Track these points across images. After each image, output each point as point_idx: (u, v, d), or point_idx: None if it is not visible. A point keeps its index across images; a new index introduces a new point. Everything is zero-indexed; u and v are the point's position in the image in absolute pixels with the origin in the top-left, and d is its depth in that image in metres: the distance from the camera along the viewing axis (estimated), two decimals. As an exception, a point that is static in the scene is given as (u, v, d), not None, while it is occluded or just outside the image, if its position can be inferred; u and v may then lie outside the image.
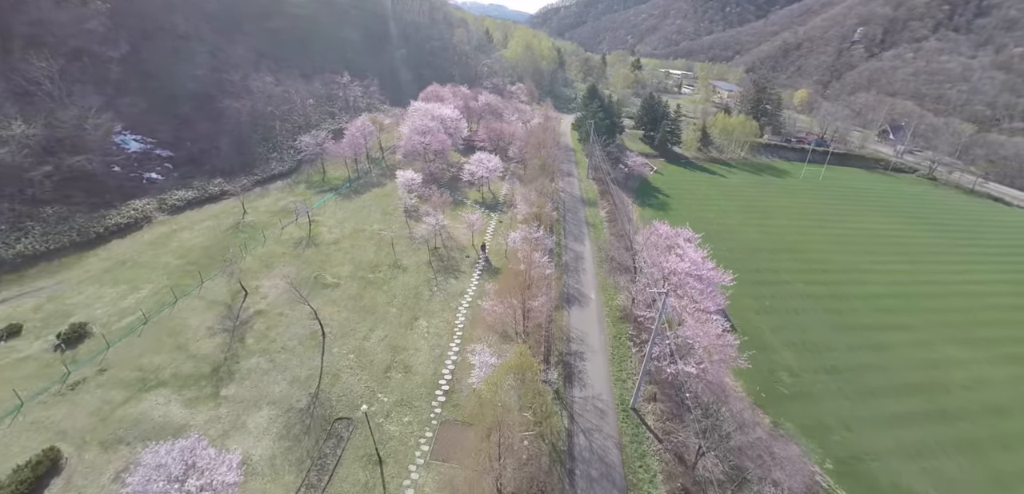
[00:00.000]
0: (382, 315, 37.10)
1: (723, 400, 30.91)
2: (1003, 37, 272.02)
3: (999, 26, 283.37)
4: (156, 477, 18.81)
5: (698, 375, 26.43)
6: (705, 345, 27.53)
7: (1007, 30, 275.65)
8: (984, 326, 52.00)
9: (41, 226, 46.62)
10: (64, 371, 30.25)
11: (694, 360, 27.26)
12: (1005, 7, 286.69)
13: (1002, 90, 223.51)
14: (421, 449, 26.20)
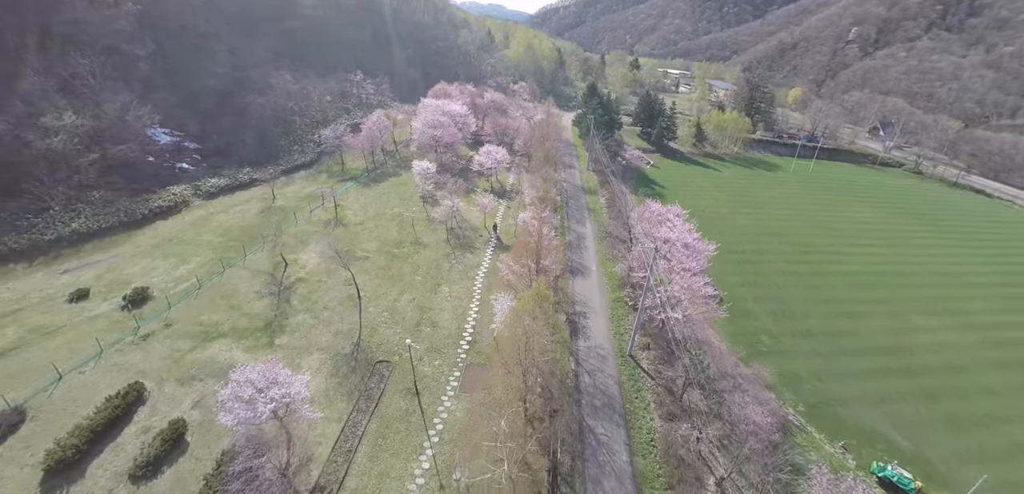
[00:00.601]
0: (409, 282, 41.89)
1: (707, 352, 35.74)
2: (994, 36, 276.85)
3: (990, 25, 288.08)
4: (245, 388, 23.50)
5: (683, 320, 31.13)
6: (689, 297, 32.32)
7: (998, 30, 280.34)
8: (952, 301, 56.87)
9: (91, 208, 51.31)
10: (134, 325, 34.93)
11: (681, 309, 32.01)
12: (996, 7, 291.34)
13: (991, 88, 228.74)
14: (451, 385, 30.97)
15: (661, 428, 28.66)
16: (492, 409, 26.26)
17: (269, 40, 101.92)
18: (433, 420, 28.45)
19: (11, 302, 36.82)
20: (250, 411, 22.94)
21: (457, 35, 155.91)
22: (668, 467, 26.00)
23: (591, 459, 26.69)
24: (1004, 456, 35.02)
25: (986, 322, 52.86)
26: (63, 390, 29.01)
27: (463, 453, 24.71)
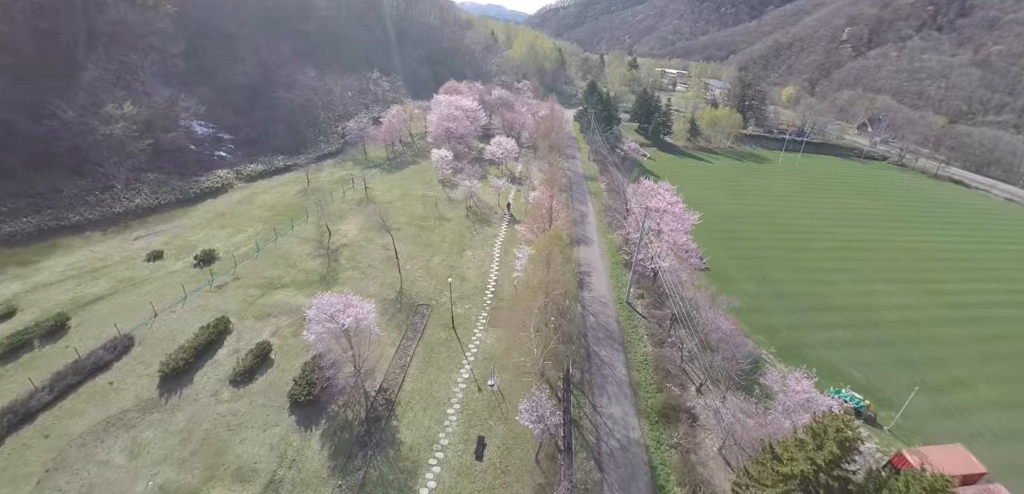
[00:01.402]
0: (438, 247, 48.51)
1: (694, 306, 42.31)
2: (983, 36, 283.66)
3: (980, 25, 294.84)
4: (325, 311, 29.96)
5: (670, 269, 37.71)
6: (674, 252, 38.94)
7: (988, 29, 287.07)
8: (915, 272, 63.58)
9: (148, 187, 57.92)
10: (209, 278, 41.42)
11: (669, 261, 38.60)
12: (986, 7, 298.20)
13: (978, 86, 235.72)
14: (480, 322, 37.57)
15: (652, 352, 35.26)
16: (518, 333, 32.86)
17: (289, 41, 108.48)
18: (468, 346, 35.03)
19: (99, 260, 43.34)
20: (329, 327, 29.40)
21: (463, 36, 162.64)
22: (658, 377, 32.57)
23: (597, 373, 33.29)
24: (942, 388, 41.59)
25: (944, 289, 59.55)
26: (160, 324, 35.46)
27: (495, 367, 31.24)
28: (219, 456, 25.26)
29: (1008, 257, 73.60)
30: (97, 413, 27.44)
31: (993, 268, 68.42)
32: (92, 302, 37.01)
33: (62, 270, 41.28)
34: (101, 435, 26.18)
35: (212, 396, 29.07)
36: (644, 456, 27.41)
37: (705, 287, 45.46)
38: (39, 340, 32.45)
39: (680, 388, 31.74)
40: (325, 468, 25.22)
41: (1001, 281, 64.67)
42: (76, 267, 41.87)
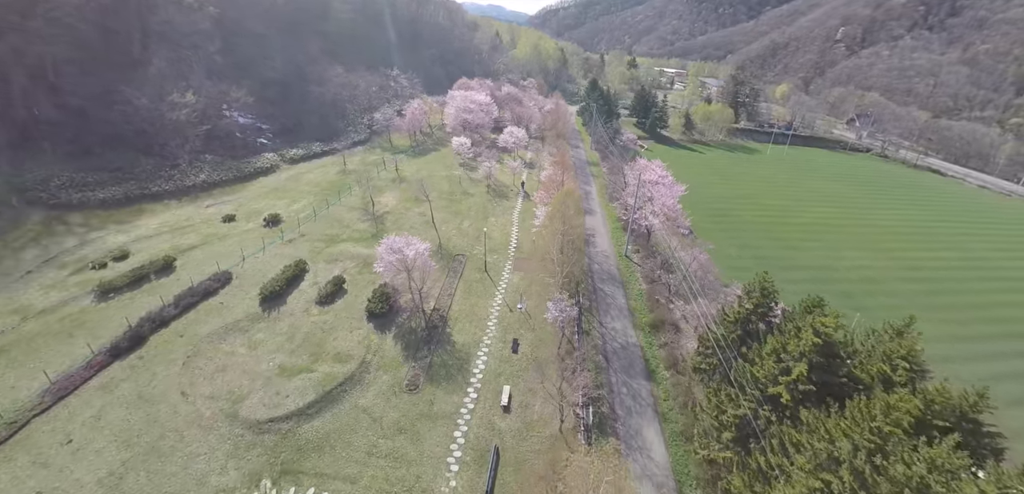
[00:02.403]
0: (465, 214, 57.11)
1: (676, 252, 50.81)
2: (972, 35, 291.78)
3: (969, 25, 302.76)
4: (392, 248, 38.38)
5: (660, 226, 46.16)
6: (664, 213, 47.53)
7: (977, 29, 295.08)
8: (880, 242, 72.06)
9: (208, 165, 66.38)
10: (280, 235, 49.90)
11: (659, 220, 47.10)
12: (976, 7, 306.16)
13: (965, 83, 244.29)
14: (506, 267, 46.12)
15: (645, 288, 43.77)
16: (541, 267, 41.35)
17: (313, 41, 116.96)
18: (498, 283, 43.58)
19: (183, 220, 51.89)
20: (396, 260, 37.83)
21: (472, 37, 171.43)
22: (650, 303, 41.08)
23: (601, 302, 41.82)
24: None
25: (904, 256, 68.04)
26: (248, 265, 43.88)
27: (522, 295, 39.73)
28: (319, 347, 33.77)
29: (969, 233, 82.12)
30: (216, 322, 35.91)
31: (953, 241, 76.96)
32: (188, 249, 45.50)
33: (155, 227, 49.84)
34: (223, 335, 34.66)
35: (304, 312, 37.57)
36: (639, 352, 35.96)
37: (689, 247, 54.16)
38: (154, 275, 40.96)
39: (668, 312, 40.22)
40: (400, 356, 33.74)
41: (958, 251, 73.20)
42: (166, 225, 50.43)
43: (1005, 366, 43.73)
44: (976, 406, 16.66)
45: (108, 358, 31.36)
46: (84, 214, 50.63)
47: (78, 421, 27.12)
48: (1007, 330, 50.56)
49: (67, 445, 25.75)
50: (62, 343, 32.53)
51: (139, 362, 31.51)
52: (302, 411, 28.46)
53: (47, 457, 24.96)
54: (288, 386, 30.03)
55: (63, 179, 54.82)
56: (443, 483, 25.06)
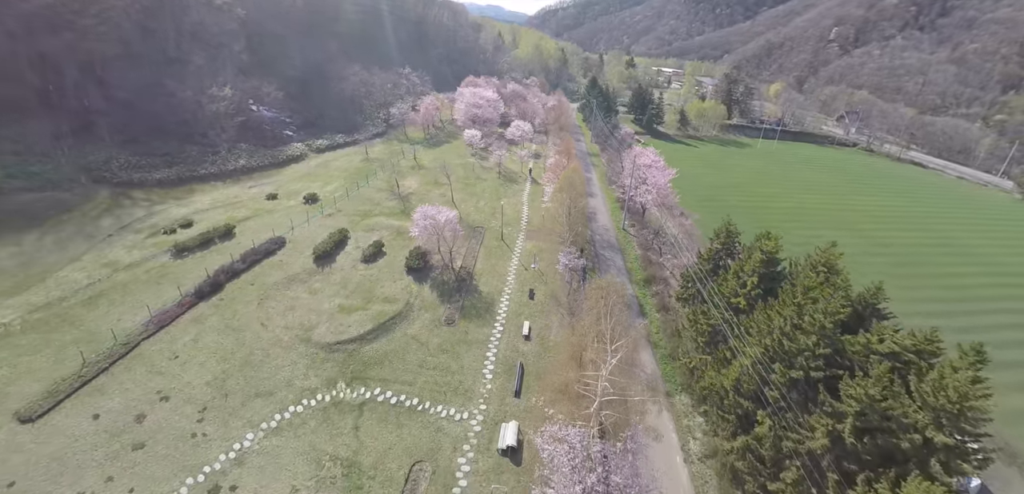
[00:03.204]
0: (480, 195, 63.86)
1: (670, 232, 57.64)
2: (961, 35, 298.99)
3: (959, 25, 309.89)
4: (426, 215, 45.01)
5: (652, 201, 52.89)
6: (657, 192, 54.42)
7: (966, 29, 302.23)
8: (855, 224, 78.91)
9: (244, 153, 72.88)
10: (320, 210, 56.51)
11: (652, 197, 53.93)
12: (965, 8, 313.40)
13: (953, 82, 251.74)
14: (520, 237, 52.88)
15: (640, 253, 50.61)
16: (548, 238, 48.14)
17: (329, 42, 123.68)
18: (513, 249, 50.34)
19: (231, 198, 58.52)
20: (429, 224, 44.45)
21: (477, 37, 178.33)
22: (644, 265, 47.88)
23: (602, 264, 48.61)
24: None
25: (876, 236, 74.91)
26: (298, 233, 50.45)
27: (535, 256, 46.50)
28: (369, 293, 40.46)
29: (939, 217, 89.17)
30: (279, 275, 42.56)
31: (922, 224, 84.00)
32: (242, 220, 52.10)
33: (209, 203, 56.46)
34: (287, 284, 41.31)
35: (352, 267, 44.26)
36: (636, 300, 42.77)
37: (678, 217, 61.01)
38: (218, 239, 47.55)
39: (660, 271, 47.03)
40: (436, 300, 40.47)
41: (928, 232, 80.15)
42: (218, 201, 57.06)
43: (950, 321, 50.51)
44: (875, 295, 23.47)
45: (195, 299, 38.01)
46: (144, 191, 57.26)
47: (180, 343, 33.75)
48: (958, 294, 57.51)
49: (174, 360, 32.38)
50: (151, 289, 39.13)
51: (221, 303, 38.18)
52: (362, 337, 35.16)
53: (160, 368, 31.58)
54: (348, 320, 36.73)
55: (121, 161, 61.46)
56: (481, 385, 31.80)
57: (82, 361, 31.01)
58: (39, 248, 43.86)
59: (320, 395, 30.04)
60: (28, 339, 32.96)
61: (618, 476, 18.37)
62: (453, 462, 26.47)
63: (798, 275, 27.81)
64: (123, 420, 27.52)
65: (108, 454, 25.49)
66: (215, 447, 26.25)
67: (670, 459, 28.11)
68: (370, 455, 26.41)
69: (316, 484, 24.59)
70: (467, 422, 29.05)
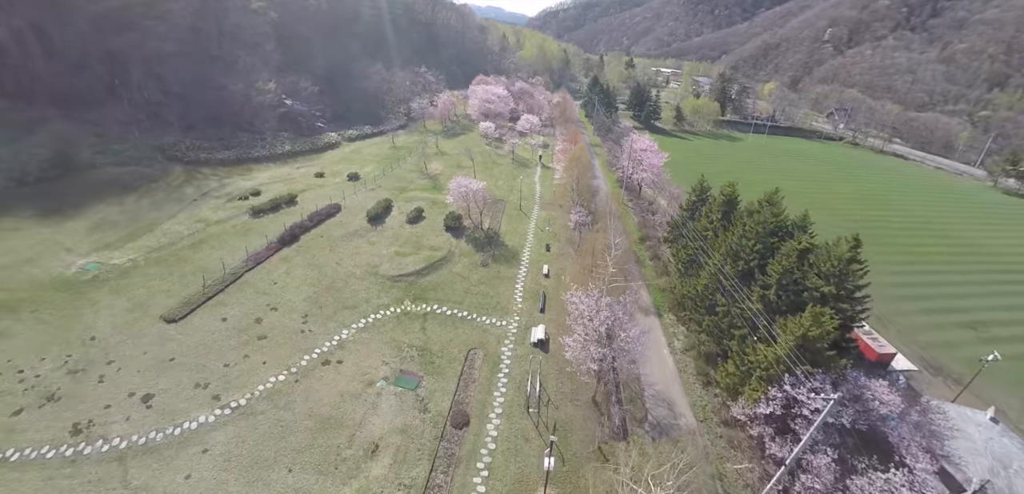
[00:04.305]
0: (498, 176, 73.15)
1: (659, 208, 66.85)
2: (950, 35, 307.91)
3: (949, 25, 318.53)
4: (460, 184, 54.14)
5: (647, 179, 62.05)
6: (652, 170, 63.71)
7: (956, 29, 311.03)
8: (833, 204, 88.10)
9: (287, 140, 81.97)
10: (364, 185, 65.67)
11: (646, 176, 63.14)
12: (955, 9, 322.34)
13: (941, 80, 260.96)
14: (535, 208, 62.11)
15: (636, 219, 59.84)
16: (559, 209, 57.38)
17: (351, 42, 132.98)
18: (530, 216, 59.56)
19: (285, 175, 67.68)
20: (462, 191, 53.52)
21: (484, 39, 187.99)
22: (639, 227, 57.09)
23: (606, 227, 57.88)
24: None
25: (851, 214, 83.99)
26: (350, 201, 59.54)
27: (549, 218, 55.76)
28: (417, 244, 49.65)
29: (913, 199, 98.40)
30: (341, 231, 51.72)
31: (893, 204, 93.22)
32: (300, 191, 61.19)
33: (267, 178, 65.64)
34: (349, 237, 50.48)
35: (400, 227, 53.49)
36: (633, 254, 51.93)
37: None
38: (284, 204, 56.70)
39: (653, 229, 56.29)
40: (472, 250, 49.69)
41: (896, 210, 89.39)
42: (275, 177, 66.26)
43: (902, 280, 59.72)
44: (802, 220, 32.63)
45: (278, 245, 47.20)
46: (211, 168, 66.53)
47: (275, 275, 42.91)
48: (913, 259, 66.65)
49: (274, 285, 41.54)
50: (240, 239, 48.27)
51: (300, 248, 47.39)
52: (417, 273, 44.37)
53: (264, 290, 40.71)
54: (404, 261, 45.95)
55: (186, 144, 70.75)
56: (514, 305, 41.03)
57: (203, 284, 40.21)
58: (138, 209, 53.10)
59: (392, 308, 39.26)
60: (154, 270, 42.16)
61: (620, 310, 27.69)
62: (498, 349, 35.66)
63: (756, 209, 36.91)
64: (245, 321, 36.68)
65: (239, 341, 34.64)
66: (320, 338, 35.44)
67: (659, 352, 37.28)
68: (436, 344, 35.61)
69: (400, 359, 33.78)
70: (506, 327, 38.27)
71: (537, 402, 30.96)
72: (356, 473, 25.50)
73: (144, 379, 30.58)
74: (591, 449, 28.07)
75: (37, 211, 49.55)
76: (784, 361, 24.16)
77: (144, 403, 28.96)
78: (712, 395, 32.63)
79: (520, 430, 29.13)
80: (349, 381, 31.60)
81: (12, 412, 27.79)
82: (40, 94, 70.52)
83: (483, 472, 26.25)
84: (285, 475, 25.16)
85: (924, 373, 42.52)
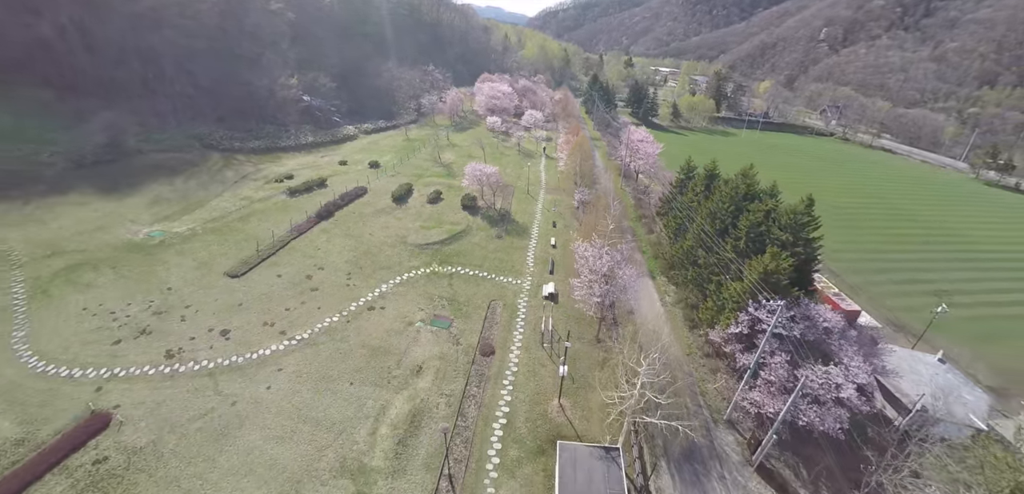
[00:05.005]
0: (506, 165, 79.30)
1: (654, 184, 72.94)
2: (942, 34, 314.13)
3: (942, 25, 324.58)
4: (475, 169, 60.18)
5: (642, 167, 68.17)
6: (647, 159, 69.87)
7: (948, 29, 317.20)
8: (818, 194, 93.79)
9: (310, 132, 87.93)
10: (384, 172, 71.64)
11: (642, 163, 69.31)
12: (948, 8, 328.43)
13: (932, 79, 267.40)
14: (541, 192, 68.21)
15: (632, 199, 65.93)
16: (564, 191, 63.44)
17: (360, 42, 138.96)
18: (537, 199, 65.60)
19: (311, 162, 73.70)
20: (477, 175, 59.51)
21: (488, 39, 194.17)
22: (636, 207, 63.17)
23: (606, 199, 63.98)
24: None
25: (833, 201, 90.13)
26: (374, 185, 65.44)
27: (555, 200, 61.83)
28: (439, 219, 55.68)
29: (894, 189, 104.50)
30: (370, 209, 57.74)
31: (875, 192, 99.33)
32: (328, 176, 67.20)
33: (295, 165, 71.62)
34: (377, 214, 56.50)
35: (422, 206, 59.52)
36: (631, 230, 58.05)
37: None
38: (316, 187, 62.70)
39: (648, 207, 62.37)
40: (487, 225, 55.74)
41: (878, 198, 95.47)
42: (302, 165, 72.24)
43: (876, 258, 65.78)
44: (772, 189, 38.69)
45: (317, 219, 53.21)
46: (245, 155, 72.57)
47: (318, 242, 48.91)
48: (888, 239, 72.74)
49: (318, 251, 47.54)
50: (281, 214, 54.24)
51: (335, 223, 53.42)
52: (441, 242, 50.43)
53: (310, 253, 46.68)
54: (429, 232, 52.01)
55: (220, 134, 76.74)
56: (526, 268, 47.15)
57: (256, 247, 46.20)
58: (187, 188, 59.13)
59: (422, 269, 45.33)
60: (211, 237, 48.16)
61: (618, 255, 33.91)
62: (515, 301, 41.74)
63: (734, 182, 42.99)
64: (298, 277, 42.69)
65: (295, 292, 40.63)
66: (363, 290, 41.47)
67: (652, 304, 43.37)
68: (462, 296, 41.66)
69: (433, 307, 39.81)
70: (520, 284, 44.35)
71: (550, 339, 37.00)
72: (405, 386, 31.52)
73: (219, 319, 36.58)
74: (594, 361, 34.19)
75: (97, 189, 55.59)
76: (750, 291, 30.19)
77: (222, 336, 34.96)
78: (697, 336, 38.71)
79: (537, 359, 35.18)
80: (392, 322, 37.63)
81: (112, 342, 33.77)
82: (83, 87, 76.44)
83: (508, 387, 32.28)
84: (347, 386, 31.17)
85: (887, 328, 48.64)
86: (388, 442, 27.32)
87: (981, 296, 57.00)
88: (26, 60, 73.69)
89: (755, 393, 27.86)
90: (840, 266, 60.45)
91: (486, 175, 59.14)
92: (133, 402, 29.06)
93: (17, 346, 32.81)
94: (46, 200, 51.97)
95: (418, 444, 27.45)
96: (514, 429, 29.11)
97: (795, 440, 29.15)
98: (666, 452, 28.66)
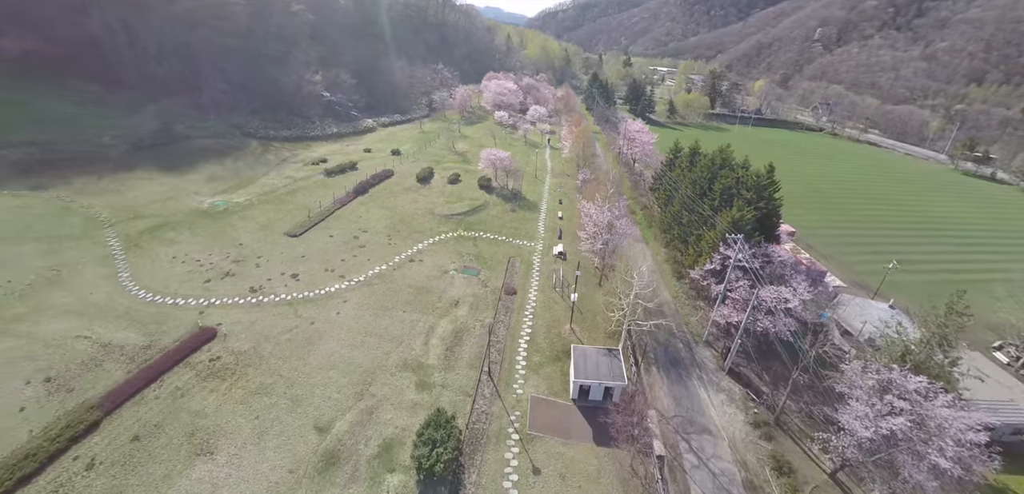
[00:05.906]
0: (515, 153, 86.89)
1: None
2: (933, 34, 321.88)
3: (933, 25, 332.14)
4: (489, 153, 67.88)
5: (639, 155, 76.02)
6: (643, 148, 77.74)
7: (939, 28, 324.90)
8: (805, 181, 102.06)
9: (333, 124, 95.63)
10: (406, 159, 79.34)
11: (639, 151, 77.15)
12: (939, 9, 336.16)
13: (922, 77, 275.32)
14: (547, 176, 76.03)
15: (629, 182, 73.79)
16: (568, 173, 71.24)
17: (373, 42, 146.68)
18: (544, 181, 73.38)
19: (339, 150, 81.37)
20: (492, 159, 67.21)
21: (492, 39, 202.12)
22: (632, 188, 71.06)
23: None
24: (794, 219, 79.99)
25: (814, 186, 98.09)
26: (398, 169, 73.10)
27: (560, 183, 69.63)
28: (460, 195, 63.42)
29: (876, 178, 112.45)
30: (398, 187, 65.45)
31: (856, 181, 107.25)
32: (357, 161, 74.88)
33: (326, 152, 79.28)
34: (405, 191, 64.20)
35: (443, 186, 67.27)
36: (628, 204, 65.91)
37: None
38: (348, 169, 70.36)
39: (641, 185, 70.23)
40: (501, 201, 63.54)
41: (857, 185, 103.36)
42: (332, 151, 79.93)
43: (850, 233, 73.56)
44: (744, 161, 46.52)
45: (354, 195, 60.90)
46: (279, 143, 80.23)
47: (358, 212, 56.58)
48: (863, 218, 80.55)
49: (359, 218, 55.21)
50: (322, 190, 61.87)
51: (370, 198, 61.14)
52: (464, 213, 58.20)
53: (353, 220, 54.32)
54: (453, 206, 59.79)
55: (255, 124, 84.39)
56: (538, 234, 54.99)
57: (308, 215, 53.88)
58: (237, 168, 66.82)
59: (450, 233, 53.13)
60: (267, 206, 55.79)
61: (616, 210, 41.78)
62: (530, 258, 49.54)
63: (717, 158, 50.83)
64: (346, 238, 50.37)
65: (347, 248, 48.28)
66: (402, 247, 49.21)
67: (647, 260, 51.12)
68: (486, 253, 49.46)
69: (463, 260, 47.57)
70: (533, 246, 52.19)
71: (561, 285, 44.80)
72: (447, 313, 39.27)
73: (288, 266, 44.26)
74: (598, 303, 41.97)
75: (158, 167, 63.27)
76: (721, 237, 37.94)
77: (293, 278, 42.63)
78: (683, 284, 46.50)
79: (551, 298, 42.96)
80: (430, 270, 45.39)
81: (204, 281, 41.32)
82: (128, 81, 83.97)
83: (529, 316, 40.04)
84: (401, 313, 38.90)
85: (852, 288, 56.41)
86: (438, 349, 35.05)
87: (937, 263, 64.88)
88: (75, 56, 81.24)
89: (725, 308, 35.65)
90: (815, 240, 68.29)
91: (499, 159, 66.88)
92: (231, 321, 36.64)
93: (126, 283, 40.36)
94: (116, 175, 59.60)
95: (462, 351, 35.18)
96: (536, 343, 36.87)
97: (759, 355, 36.95)
98: (656, 361, 36.45)
